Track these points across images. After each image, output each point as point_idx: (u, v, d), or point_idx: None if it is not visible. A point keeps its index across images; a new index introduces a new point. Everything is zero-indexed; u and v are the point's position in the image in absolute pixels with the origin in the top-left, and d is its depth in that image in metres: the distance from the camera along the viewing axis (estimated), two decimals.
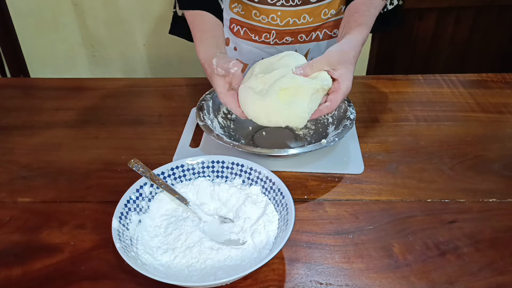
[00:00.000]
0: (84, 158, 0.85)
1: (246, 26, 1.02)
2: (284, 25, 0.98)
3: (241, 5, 0.99)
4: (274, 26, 0.99)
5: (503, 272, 0.61)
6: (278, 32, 1.00)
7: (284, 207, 0.65)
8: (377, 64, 2.23)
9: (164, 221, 0.67)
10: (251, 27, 1.01)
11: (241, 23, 1.02)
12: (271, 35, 1.01)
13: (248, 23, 1.01)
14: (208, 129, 0.81)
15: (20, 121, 0.97)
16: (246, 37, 1.04)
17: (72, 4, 2.11)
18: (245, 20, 1.00)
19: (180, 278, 0.59)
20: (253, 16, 0.98)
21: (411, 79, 1.10)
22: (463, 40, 2.19)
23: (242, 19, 1.01)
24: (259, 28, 1.01)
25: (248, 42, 1.04)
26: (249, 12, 0.99)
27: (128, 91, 1.07)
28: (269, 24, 0.99)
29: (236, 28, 1.03)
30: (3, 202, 0.75)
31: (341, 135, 0.79)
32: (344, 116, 0.84)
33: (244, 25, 1.02)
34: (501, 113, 0.96)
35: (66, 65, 2.30)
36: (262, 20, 0.98)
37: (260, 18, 0.98)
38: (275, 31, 1.00)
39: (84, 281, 0.61)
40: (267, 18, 0.97)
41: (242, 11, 0.99)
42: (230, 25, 1.03)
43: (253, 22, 1.00)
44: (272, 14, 0.96)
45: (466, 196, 0.74)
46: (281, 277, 0.61)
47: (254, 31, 1.02)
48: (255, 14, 0.98)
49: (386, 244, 0.66)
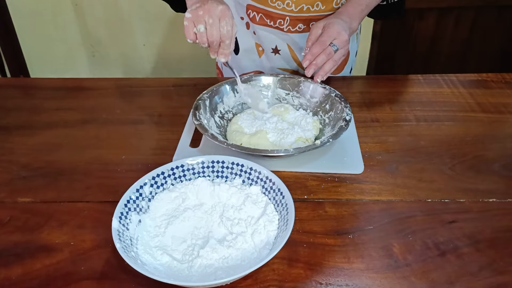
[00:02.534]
0: (84, 158, 0.85)
1: (262, 12, 1.05)
2: (298, 11, 1.02)
3: None
4: (289, 12, 1.02)
5: (503, 272, 0.61)
6: (292, 19, 1.04)
7: (284, 207, 0.65)
8: (377, 64, 2.23)
9: (164, 221, 0.67)
10: (267, 13, 1.05)
11: (257, 9, 1.05)
12: (285, 21, 1.04)
13: (264, 9, 1.04)
14: (203, 129, 0.81)
15: (20, 121, 0.97)
16: (261, 23, 1.07)
17: (72, 4, 2.11)
18: (261, 6, 1.04)
19: (180, 278, 0.59)
20: (269, 2, 1.02)
21: (411, 79, 1.10)
22: (463, 40, 2.19)
23: (258, 5, 1.04)
24: (274, 14, 1.04)
25: (263, 27, 1.07)
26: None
27: (128, 91, 1.07)
28: (284, 10, 1.02)
29: (252, 14, 1.06)
30: (3, 202, 0.75)
31: (336, 136, 0.79)
32: (340, 117, 0.85)
33: (260, 11, 1.05)
34: (501, 113, 0.96)
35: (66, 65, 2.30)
36: (277, 6, 1.01)
37: (276, 4, 1.01)
38: (289, 17, 1.03)
39: (84, 281, 0.61)
40: (282, 4, 1.01)
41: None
42: (247, 11, 1.06)
43: (269, 8, 1.03)
44: (287, 0, 1.00)
45: (466, 196, 0.74)
46: (281, 277, 0.61)
47: (269, 17, 1.05)
48: (271, 0, 1.01)
49: (386, 244, 0.66)
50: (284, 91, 0.96)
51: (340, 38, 0.91)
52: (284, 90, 0.96)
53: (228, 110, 0.94)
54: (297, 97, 0.96)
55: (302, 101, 0.95)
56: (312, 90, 0.94)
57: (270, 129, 0.86)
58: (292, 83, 0.96)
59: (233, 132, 0.87)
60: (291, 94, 0.96)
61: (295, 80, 0.96)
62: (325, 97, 0.91)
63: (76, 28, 2.18)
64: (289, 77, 0.97)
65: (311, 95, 0.94)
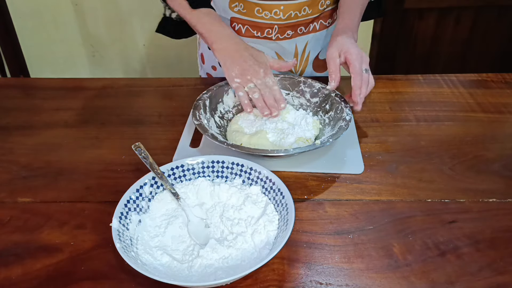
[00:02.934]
0: (84, 158, 0.85)
1: (248, 24, 1.03)
2: (286, 18, 1.01)
3: (242, 4, 1.00)
4: (277, 20, 1.01)
5: (503, 272, 0.61)
6: (280, 27, 1.03)
7: (284, 207, 0.65)
8: (377, 64, 2.23)
9: (164, 221, 0.67)
10: (253, 24, 1.03)
11: (242, 21, 1.03)
12: (273, 30, 1.03)
13: (250, 21, 1.02)
14: (203, 129, 0.81)
15: (20, 121, 0.97)
16: (248, 35, 1.05)
17: (72, 4, 2.11)
18: (247, 18, 1.02)
19: (180, 278, 0.59)
20: (256, 13, 1.00)
21: (411, 79, 1.10)
22: (463, 40, 2.19)
23: (243, 17, 1.02)
24: (262, 25, 1.03)
25: (250, 39, 1.05)
26: (251, 10, 1.00)
27: (128, 91, 1.07)
28: (272, 19, 1.01)
29: (237, 27, 1.04)
30: (3, 202, 0.75)
31: (335, 136, 0.79)
32: (340, 117, 0.85)
33: (246, 23, 1.03)
34: (501, 113, 0.96)
35: (66, 65, 2.30)
36: (265, 16, 1.00)
37: (263, 14, 1.00)
38: (278, 25, 1.02)
39: (84, 281, 0.61)
40: (270, 14, 1.00)
41: (244, 9, 1.00)
42: (231, 24, 1.04)
43: (256, 19, 1.02)
44: (275, 9, 0.99)
45: (466, 196, 0.74)
46: (281, 277, 0.61)
47: (256, 27, 1.04)
48: (258, 11, 1.00)
49: (386, 244, 0.66)
50: (284, 91, 0.96)
51: (365, 60, 0.87)
52: (284, 90, 0.96)
53: (228, 110, 0.94)
54: (297, 97, 0.96)
55: (302, 101, 0.95)
56: (312, 90, 0.94)
57: (270, 129, 0.86)
58: (292, 83, 0.96)
59: (233, 132, 0.87)
60: (291, 94, 0.96)
61: (295, 80, 0.96)
62: (325, 97, 0.91)
63: (76, 28, 2.18)
64: (289, 77, 0.97)
65: (311, 95, 0.94)
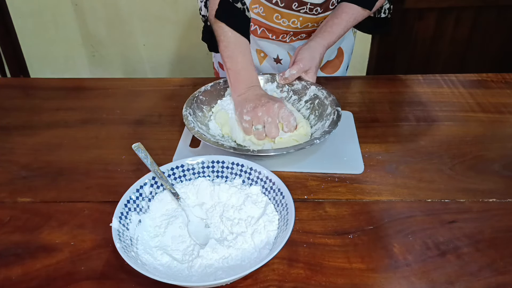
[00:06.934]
0: (84, 158, 0.85)
1: (264, 27, 1.05)
2: (303, 28, 1.03)
3: (262, 7, 1.01)
4: (293, 29, 1.03)
5: (503, 272, 0.61)
6: (295, 33, 1.05)
7: (284, 207, 0.65)
8: (377, 64, 2.23)
9: (164, 221, 0.67)
10: (270, 28, 1.05)
11: (260, 23, 1.05)
12: (288, 35, 1.05)
13: (268, 24, 1.04)
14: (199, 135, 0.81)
15: (20, 121, 0.97)
16: (263, 36, 1.07)
17: (72, 4, 2.11)
18: (265, 22, 1.04)
19: (180, 278, 0.59)
20: (274, 18, 1.02)
21: (411, 79, 1.10)
22: (463, 40, 2.19)
23: (262, 20, 1.04)
24: (278, 30, 1.04)
25: (264, 39, 1.08)
26: (270, 15, 1.02)
27: (128, 91, 1.07)
28: (289, 27, 1.03)
29: (254, 27, 1.06)
30: (3, 202, 0.75)
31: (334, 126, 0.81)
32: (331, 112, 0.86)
33: (263, 25, 1.05)
34: (501, 113, 0.96)
35: (66, 65, 2.30)
36: (282, 23, 1.02)
37: (280, 21, 1.02)
38: (293, 32, 1.04)
39: (84, 281, 0.61)
40: (288, 22, 1.02)
41: (263, 12, 1.02)
42: None
43: (273, 24, 1.03)
44: (293, 19, 1.01)
45: (466, 196, 0.74)
46: (281, 277, 0.61)
47: (272, 31, 1.06)
48: (277, 17, 1.01)
49: (386, 244, 0.66)
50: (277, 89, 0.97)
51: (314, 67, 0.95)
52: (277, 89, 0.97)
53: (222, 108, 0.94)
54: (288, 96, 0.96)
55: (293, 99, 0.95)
56: (302, 88, 0.94)
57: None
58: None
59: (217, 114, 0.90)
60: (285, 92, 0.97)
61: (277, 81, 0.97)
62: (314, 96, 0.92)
63: (76, 28, 2.18)
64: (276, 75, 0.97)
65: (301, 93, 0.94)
